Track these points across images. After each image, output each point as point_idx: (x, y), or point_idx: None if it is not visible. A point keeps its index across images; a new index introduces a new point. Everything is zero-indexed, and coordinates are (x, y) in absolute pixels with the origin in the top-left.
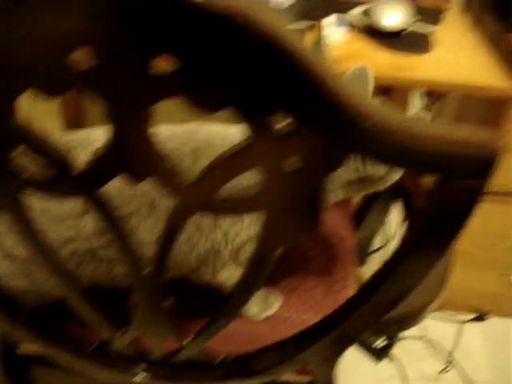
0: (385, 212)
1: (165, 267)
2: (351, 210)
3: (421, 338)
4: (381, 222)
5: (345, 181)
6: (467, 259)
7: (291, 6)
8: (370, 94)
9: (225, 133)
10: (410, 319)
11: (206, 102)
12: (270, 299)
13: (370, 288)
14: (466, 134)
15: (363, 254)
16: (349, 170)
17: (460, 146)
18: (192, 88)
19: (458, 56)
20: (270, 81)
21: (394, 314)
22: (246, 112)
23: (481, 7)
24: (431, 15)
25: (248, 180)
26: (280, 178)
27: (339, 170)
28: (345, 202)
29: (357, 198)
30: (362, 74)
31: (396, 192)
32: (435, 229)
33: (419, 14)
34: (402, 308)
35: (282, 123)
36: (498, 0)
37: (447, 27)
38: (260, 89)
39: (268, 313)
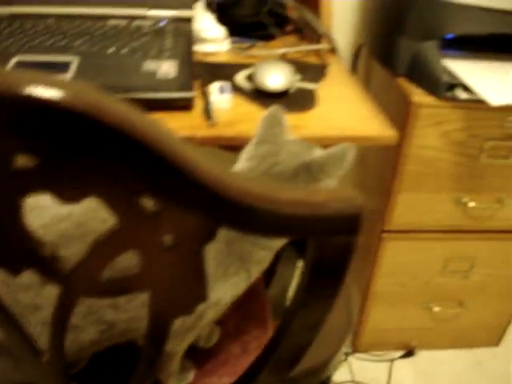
0: (293, 264)
1: (62, 353)
2: None
3: (352, 382)
4: (291, 275)
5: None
6: (388, 298)
7: (176, 77)
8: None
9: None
10: (321, 370)
11: (70, 194)
12: (186, 368)
13: (270, 346)
14: (326, 195)
15: (278, 309)
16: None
17: (322, 207)
18: (54, 182)
19: (342, 109)
20: (128, 166)
21: (302, 367)
22: (112, 197)
23: (369, 57)
24: (314, 72)
25: (130, 259)
26: (159, 255)
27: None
28: None
29: None
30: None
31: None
32: (317, 283)
33: (302, 71)
34: (308, 362)
35: (150, 204)
36: (384, 50)
37: (331, 82)
38: (121, 174)
39: (185, 383)
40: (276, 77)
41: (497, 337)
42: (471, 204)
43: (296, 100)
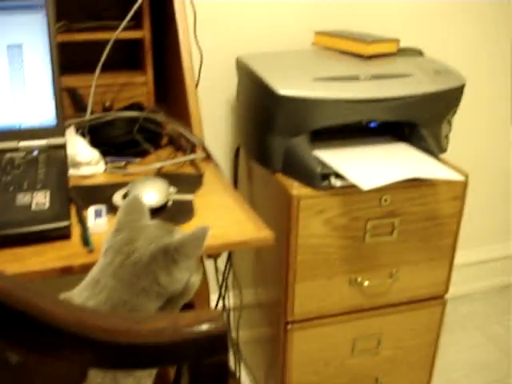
0: None
1: None
2: None
3: None
4: None
5: None
6: None
7: (50, 208)
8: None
9: None
10: None
11: None
12: None
13: None
14: (189, 319)
15: None
16: None
17: (187, 332)
18: None
19: (219, 217)
20: None
21: None
22: None
23: (247, 157)
24: (191, 182)
25: None
26: None
27: None
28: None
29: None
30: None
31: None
32: None
33: (179, 183)
34: None
35: (14, 356)
36: (259, 150)
37: (207, 190)
38: None
39: None
40: (150, 193)
41: None
42: (366, 283)
43: (174, 213)
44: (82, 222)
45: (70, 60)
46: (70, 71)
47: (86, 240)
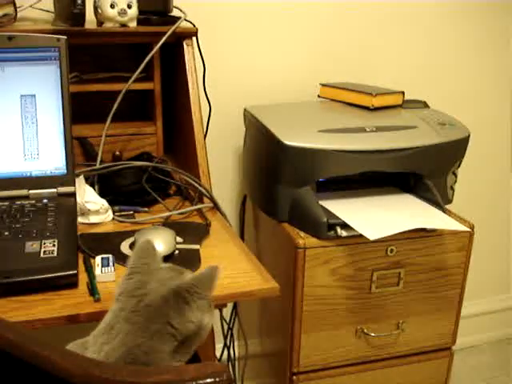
0: None
1: None
2: None
3: None
4: None
5: None
6: None
7: (58, 256)
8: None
9: None
10: None
11: None
12: None
13: None
14: (195, 371)
15: None
16: None
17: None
18: None
19: (226, 267)
20: None
21: None
22: None
23: (254, 207)
24: (198, 231)
25: None
26: None
27: None
28: None
29: None
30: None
31: None
32: None
33: (186, 232)
34: None
35: None
36: (265, 200)
37: (213, 240)
38: None
39: None
40: (157, 242)
41: None
42: (372, 334)
43: (181, 262)
44: (89, 270)
45: (81, 109)
46: (81, 120)
47: (92, 289)
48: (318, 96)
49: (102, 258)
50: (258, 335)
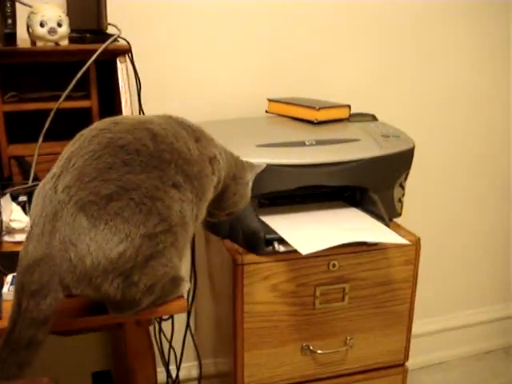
0: None
1: None
2: None
3: None
4: None
5: None
6: None
7: None
8: None
9: None
10: None
11: None
12: None
13: None
14: None
15: None
16: None
17: None
18: None
19: None
20: None
21: None
22: None
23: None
24: None
25: None
26: None
27: None
28: None
29: None
30: None
31: None
32: None
33: None
34: None
35: None
36: None
37: None
38: None
39: None
40: None
41: None
42: (319, 351)
43: None
44: None
45: (21, 129)
46: (20, 140)
47: None
48: (266, 111)
49: (13, 277)
50: (212, 355)
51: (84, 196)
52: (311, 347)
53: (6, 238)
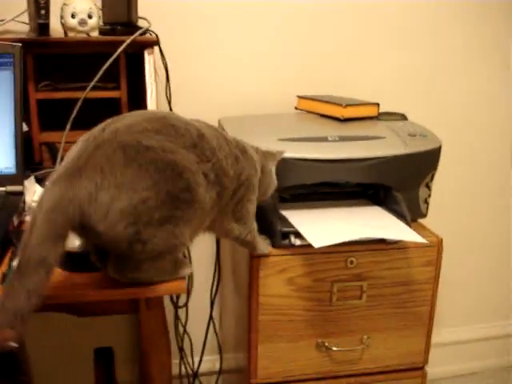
0: None
1: None
2: None
3: None
4: None
5: None
6: None
7: None
8: None
9: None
10: None
11: None
12: None
13: None
14: None
15: None
16: None
17: None
18: None
19: None
20: None
21: None
22: None
23: None
24: None
25: None
26: None
27: None
28: None
29: None
30: None
31: None
32: None
33: None
34: None
35: None
36: None
37: None
38: None
39: None
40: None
41: None
42: (334, 348)
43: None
44: (9, 263)
45: (54, 117)
46: (52, 128)
47: (3, 278)
48: (295, 108)
49: None
50: (233, 350)
51: (128, 140)
52: (326, 344)
53: (28, 219)
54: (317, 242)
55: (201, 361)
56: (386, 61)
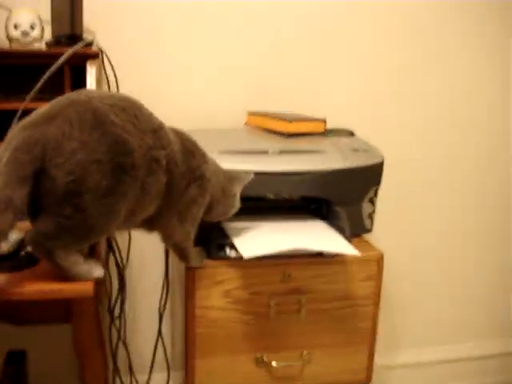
0: None
1: None
2: None
3: None
4: None
5: None
6: None
7: None
8: None
9: None
10: None
11: None
12: None
13: None
14: None
15: None
16: None
17: None
18: None
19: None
20: None
21: None
22: None
23: None
24: None
25: None
26: None
27: None
28: None
29: None
30: None
31: None
32: None
33: None
34: None
35: None
36: None
37: None
38: None
39: None
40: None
41: None
42: (274, 363)
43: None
44: None
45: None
46: None
47: None
48: (245, 124)
49: None
50: (180, 366)
51: (100, 108)
52: (265, 358)
53: None
54: (247, 253)
55: (149, 379)
56: (346, 78)
